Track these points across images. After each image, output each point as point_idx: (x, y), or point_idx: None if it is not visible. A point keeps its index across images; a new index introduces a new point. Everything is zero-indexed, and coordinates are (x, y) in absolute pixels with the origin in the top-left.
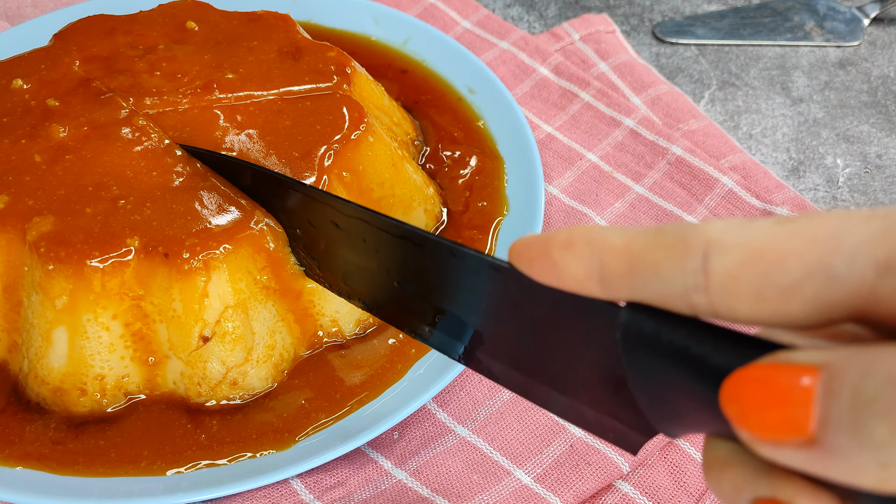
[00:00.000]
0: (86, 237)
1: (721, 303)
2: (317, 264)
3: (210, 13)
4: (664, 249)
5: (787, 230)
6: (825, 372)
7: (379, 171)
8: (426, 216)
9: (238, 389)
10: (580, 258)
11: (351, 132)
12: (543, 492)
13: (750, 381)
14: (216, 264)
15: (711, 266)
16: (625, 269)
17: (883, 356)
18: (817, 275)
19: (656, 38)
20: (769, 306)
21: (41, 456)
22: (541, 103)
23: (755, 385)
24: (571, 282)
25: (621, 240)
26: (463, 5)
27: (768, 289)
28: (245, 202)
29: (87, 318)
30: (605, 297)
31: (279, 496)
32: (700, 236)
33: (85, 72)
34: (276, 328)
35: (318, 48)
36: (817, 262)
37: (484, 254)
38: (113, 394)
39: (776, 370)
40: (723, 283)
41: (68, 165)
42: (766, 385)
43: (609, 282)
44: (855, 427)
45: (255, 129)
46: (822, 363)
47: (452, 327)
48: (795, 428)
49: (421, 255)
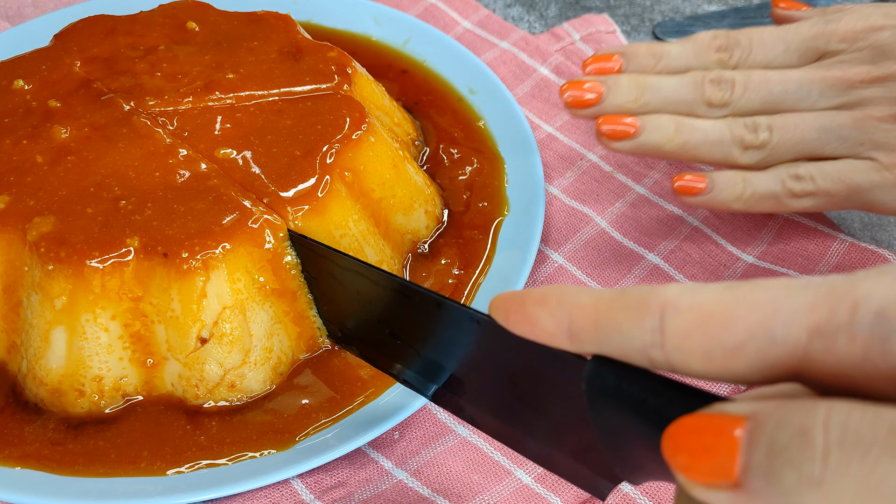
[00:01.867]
0: (86, 237)
1: (675, 359)
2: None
3: (210, 13)
4: (626, 310)
5: (734, 295)
6: (750, 422)
7: (380, 172)
8: (427, 217)
9: (236, 392)
10: (551, 314)
11: (352, 132)
12: (544, 492)
13: (686, 429)
14: (215, 264)
15: (667, 326)
16: (591, 325)
17: (795, 410)
18: (758, 337)
19: (656, 38)
20: (717, 364)
21: (41, 457)
22: (541, 103)
23: (690, 433)
24: (543, 335)
25: (589, 299)
26: (463, 5)
27: (716, 348)
28: (246, 202)
29: (87, 319)
30: (574, 350)
31: (279, 496)
32: (658, 298)
33: (86, 72)
34: (274, 330)
35: (319, 48)
36: (759, 325)
37: (466, 306)
38: (111, 395)
39: (709, 420)
40: (677, 341)
41: (70, 166)
42: (699, 434)
43: (577, 336)
44: (769, 473)
45: (256, 129)
46: (748, 414)
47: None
48: (723, 473)
49: (409, 307)
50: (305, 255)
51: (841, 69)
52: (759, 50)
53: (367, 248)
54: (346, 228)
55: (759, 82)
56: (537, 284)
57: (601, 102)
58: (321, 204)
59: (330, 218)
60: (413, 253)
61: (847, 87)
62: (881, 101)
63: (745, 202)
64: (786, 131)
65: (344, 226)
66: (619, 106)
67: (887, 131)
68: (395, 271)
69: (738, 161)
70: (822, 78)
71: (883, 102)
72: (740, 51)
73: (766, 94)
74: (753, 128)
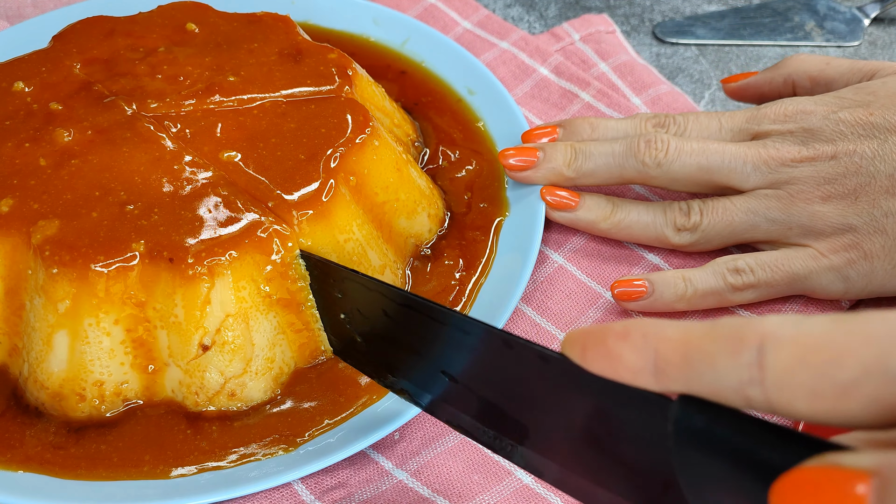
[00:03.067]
0: (91, 241)
1: (777, 398)
2: (363, 346)
3: (210, 14)
4: (719, 342)
5: (844, 328)
6: (877, 479)
7: (383, 175)
8: (430, 220)
9: (236, 400)
10: (635, 348)
11: (356, 136)
12: (544, 492)
13: (800, 484)
14: (221, 270)
15: (767, 360)
16: (680, 360)
17: None
18: (875, 374)
19: (656, 38)
20: (826, 404)
21: (43, 460)
22: (541, 103)
23: (806, 489)
24: (626, 372)
25: (676, 332)
26: (463, 5)
27: (825, 386)
28: (255, 210)
29: (89, 323)
30: (658, 389)
31: (280, 497)
32: (755, 330)
33: (86, 74)
34: (277, 341)
35: (319, 50)
36: (875, 360)
37: (534, 343)
38: (111, 400)
39: (827, 474)
40: (779, 377)
41: (74, 170)
42: (817, 490)
43: (663, 373)
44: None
45: (260, 132)
46: (873, 469)
47: (493, 416)
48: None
49: (469, 343)
50: (356, 291)
51: (774, 147)
52: (695, 126)
53: (370, 253)
54: (349, 233)
55: (695, 149)
56: (538, 285)
57: (537, 165)
58: (326, 208)
59: (334, 222)
60: (416, 255)
61: (778, 165)
62: (810, 180)
63: (687, 301)
64: (716, 214)
65: (348, 230)
66: (554, 168)
67: (814, 214)
68: (398, 275)
69: (671, 241)
70: (756, 154)
71: (811, 182)
72: (676, 126)
73: (703, 161)
74: (686, 210)
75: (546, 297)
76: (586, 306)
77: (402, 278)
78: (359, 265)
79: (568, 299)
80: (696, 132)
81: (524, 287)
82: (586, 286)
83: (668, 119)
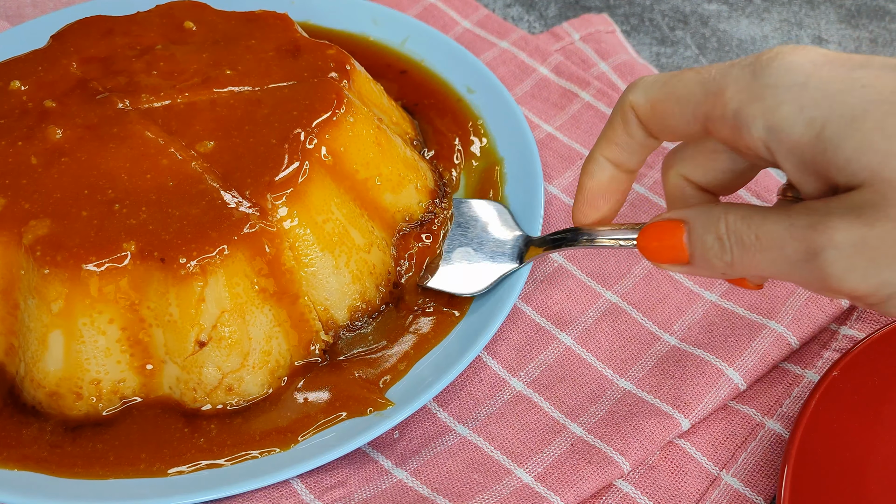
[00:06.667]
0: (82, 241)
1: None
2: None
3: (208, 13)
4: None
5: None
6: (686, 226)
7: (362, 152)
8: (419, 194)
9: (234, 395)
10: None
11: (329, 114)
12: (544, 491)
13: (651, 230)
14: (213, 269)
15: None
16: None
17: (708, 218)
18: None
19: (657, 37)
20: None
21: (40, 459)
22: (541, 103)
23: (654, 232)
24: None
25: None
26: (463, 5)
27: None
28: (242, 205)
29: (84, 323)
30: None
31: (279, 496)
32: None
33: (82, 72)
34: (273, 334)
35: (318, 46)
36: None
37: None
38: (108, 398)
39: (665, 223)
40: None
41: (64, 168)
42: (660, 232)
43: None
44: (705, 259)
45: (234, 121)
46: (684, 218)
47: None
48: (680, 258)
49: None
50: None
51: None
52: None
53: (353, 232)
54: (328, 213)
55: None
56: (537, 284)
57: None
58: (300, 190)
59: (311, 203)
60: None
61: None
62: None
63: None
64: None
65: (326, 210)
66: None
67: None
68: (385, 250)
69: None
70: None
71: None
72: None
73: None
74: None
75: (546, 296)
76: (586, 306)
77: (390, 255)
78: (341, 245)
79: (568, 299)
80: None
81: (522, 286)
82: (586, 286)
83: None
